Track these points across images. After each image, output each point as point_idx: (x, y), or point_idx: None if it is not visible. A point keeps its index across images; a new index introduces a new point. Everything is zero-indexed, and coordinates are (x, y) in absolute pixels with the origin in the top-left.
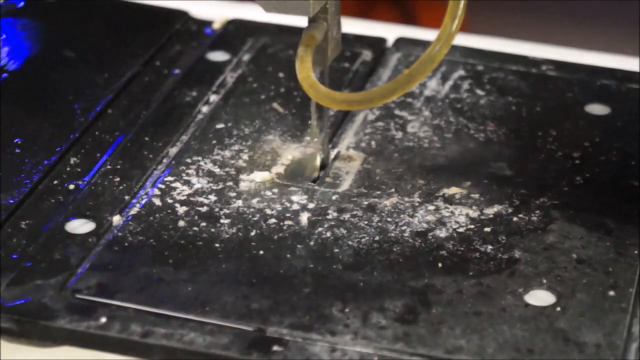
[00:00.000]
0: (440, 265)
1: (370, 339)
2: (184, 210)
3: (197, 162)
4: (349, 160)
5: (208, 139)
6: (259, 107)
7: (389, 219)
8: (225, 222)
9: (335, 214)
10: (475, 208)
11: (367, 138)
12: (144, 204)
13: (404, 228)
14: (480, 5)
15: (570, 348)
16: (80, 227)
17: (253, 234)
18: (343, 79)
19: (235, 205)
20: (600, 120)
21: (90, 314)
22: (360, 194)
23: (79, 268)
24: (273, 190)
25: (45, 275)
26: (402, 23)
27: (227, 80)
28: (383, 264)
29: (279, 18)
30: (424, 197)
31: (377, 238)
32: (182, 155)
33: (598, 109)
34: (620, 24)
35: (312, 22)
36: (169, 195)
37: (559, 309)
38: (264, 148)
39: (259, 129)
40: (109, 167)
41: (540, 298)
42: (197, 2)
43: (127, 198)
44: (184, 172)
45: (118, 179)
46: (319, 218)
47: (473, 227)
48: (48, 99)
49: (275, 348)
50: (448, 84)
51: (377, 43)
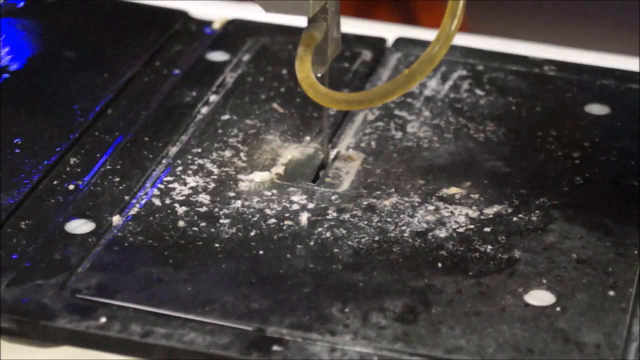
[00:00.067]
0: (440, 265)
1: (370, 339)
2: (184, 211)
3: (196, 162)
4: (349, 161)
5: (208, 139)
6: (259, 107)
7: (389, 219)
8: (225, 222)
9: (335, 214)
10: (475, 208)
11: (366, 138)
12: (144, 204)
13: (404, 228)
14: (480, 5)
15: (570, 348)
16: (80, 227)
17: (253, 234)
18: (343, 79)
19: (235, 206)
20: (600, 120)
21: (90, 314)
22: (360, 194)
23: (79, 268)
24: (273, 191)
25: (45, 275)
26: (401, 23)
27: (226, 81)
28: (383, 264)
29: (279, 18)
30: (424, 197)
31: (376, 238)
32: (181, 156)
33: (598, 109)
34: (620, 24)
35: (311, 22)
36: (169, 196)
37: (559, 309)
38: (264, 148)
39: (259, 129)
40: (109, 167)
41: (540, 298)
42: (197, 2)
43: (126, 198)
44: (184, 172)
45: (118, 179)
46: (319, 218)
47: (473, 227)
48: (48, 99)
49: (275, 348)
50: (448, 84)
51: (376, 43)
